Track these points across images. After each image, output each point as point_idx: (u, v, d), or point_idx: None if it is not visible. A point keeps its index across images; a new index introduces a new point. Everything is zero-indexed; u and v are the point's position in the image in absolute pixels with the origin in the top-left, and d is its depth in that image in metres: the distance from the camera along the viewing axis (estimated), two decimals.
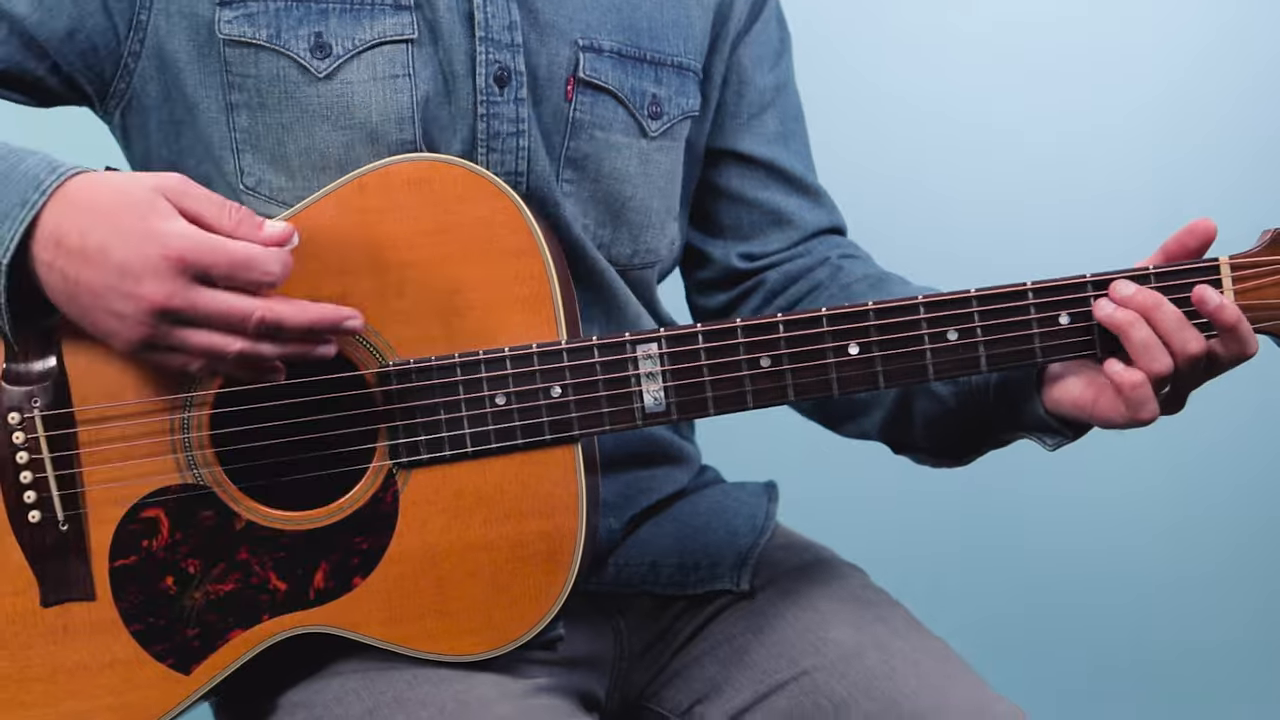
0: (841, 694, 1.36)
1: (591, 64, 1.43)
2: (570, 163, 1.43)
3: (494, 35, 1.38)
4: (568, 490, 1.30)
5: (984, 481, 2.56)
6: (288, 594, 1.30)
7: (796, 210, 1.59)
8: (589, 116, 1.43)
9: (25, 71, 1.37)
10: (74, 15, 1.35)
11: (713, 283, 1.61)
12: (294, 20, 1.35)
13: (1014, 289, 1.31)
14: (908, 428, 1.47)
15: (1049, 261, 2.44)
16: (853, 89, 2.49)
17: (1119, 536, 2.67)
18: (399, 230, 1.30)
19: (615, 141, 1.45)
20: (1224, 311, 1.28)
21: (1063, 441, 1.39)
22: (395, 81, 1.35)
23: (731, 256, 1.58)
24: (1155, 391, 1.28)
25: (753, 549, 1.51)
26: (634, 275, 1.50)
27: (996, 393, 1.40)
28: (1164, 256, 1.32)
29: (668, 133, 1.49)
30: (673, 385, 1.31)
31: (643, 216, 1.48)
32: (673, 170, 1.51)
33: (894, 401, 1.47)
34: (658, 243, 1.51)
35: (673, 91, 1.48)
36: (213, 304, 1.19)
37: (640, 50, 1.46)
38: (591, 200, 1.45)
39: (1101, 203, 2.59)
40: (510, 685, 1.31)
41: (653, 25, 1.48)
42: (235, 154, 1.36)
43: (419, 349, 1.30)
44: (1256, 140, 2.61)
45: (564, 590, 1.31)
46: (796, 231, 1.59)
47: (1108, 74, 2.60)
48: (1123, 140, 2.60)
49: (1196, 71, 2.61)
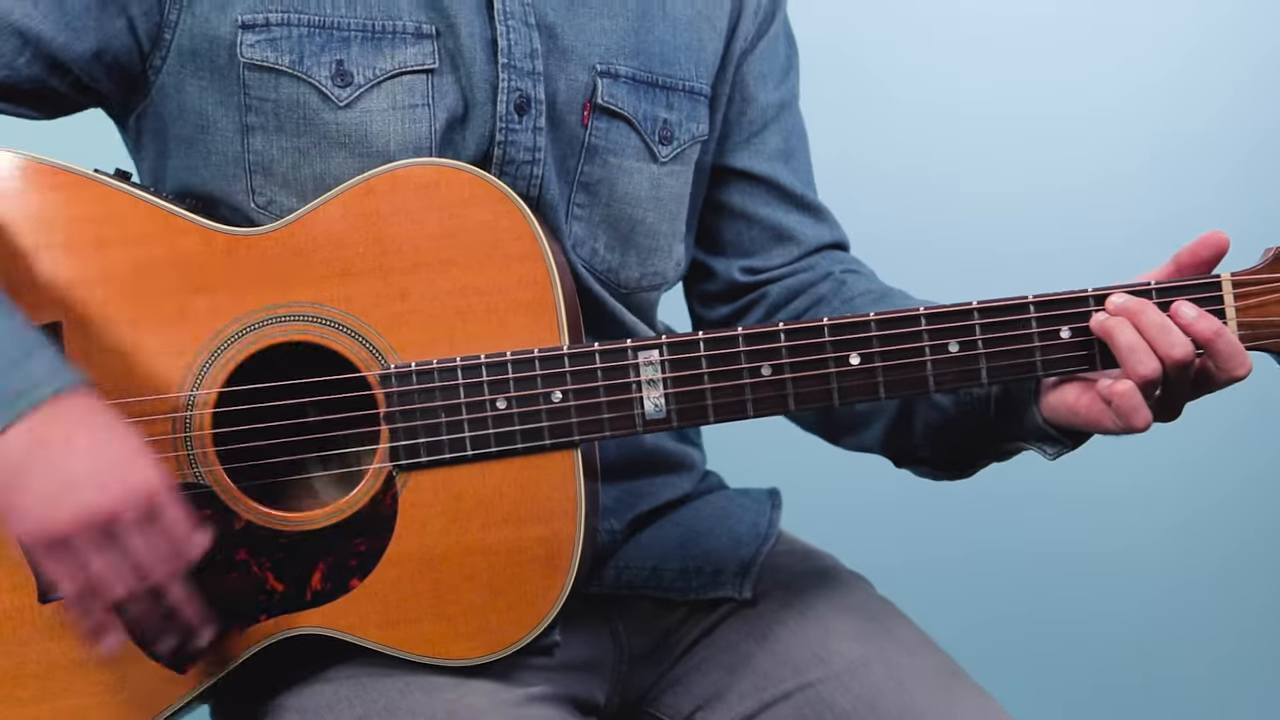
0: (846, 707, 1.37)
1: (609, 90, 1.44)
2: (583, 187, 1.44)
3: (516, 63, 1.38)
4: (566, 496, 1.30)
5: (986, 488, 2.55)
6: (285, 594, 1.30)
7: (798, 226, 1.58)
8: (603, 142, 1.44)
9: (48, 89, 1.38)
10: (100, 37, 1.36)
11: (715, 295, 1.61)
12: (316, 47, 1.35)
13: (1015, 302, 1.31)
14: (909, 439, 1.47)
15: (1051, 250, 2.47)
16: (854, 85, 2.50)
17: (1123, 542, 2.67)
18: (404, 233, 1.30)
19: (627, 166, 1.45)
20: (1199, 325, 1.27)
21: (1063, 450, 1.39)
22: (414, 111, 1.36)
23: (734, 270, 1.58)
24: (1147, 397, 1.28)
25: (756, 556, 1.51)
26: (638, 298, 1.50)
27: (997, 402, 1.40)
28: (1175, 267, 1.32)
29: (678, 157, 1.49)
30: (673, 392, 1.31)
31: (651, 240, 1.48)
32: (682, 194, 1.51)
33: (895, 412, 1.47)
34: (664, 265, 1.51)
35: (684, 116, 1.49)
36: (141, 543, 1.21)
37: (653, 75, 1.47)
38: (603, 224, 1.45)
39: (1102, 191, 2.60)
40: (502, 694, 1.31)
41: (665, 50, 1.48)
42: (248, 174, 1.36)
43: (421, 352, 1.30)
44: (1255, 131, 2.62)
45: (561, 595, 1.30)
46: (798, 247, 1.59)
47: (1106, 64, 2.61)
48: (1122, 130, 2.61)
49: (1195, 62, 2.62)
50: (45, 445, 1.19)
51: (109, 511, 1.19)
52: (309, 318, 1.30)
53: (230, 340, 1.30)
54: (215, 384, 1.30)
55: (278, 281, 1.31)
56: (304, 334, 1.30)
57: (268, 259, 1.31)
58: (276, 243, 1.31)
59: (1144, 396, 1.27)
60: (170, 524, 1.22)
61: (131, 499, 1.20)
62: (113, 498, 1.19)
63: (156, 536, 1.21)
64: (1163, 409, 1.31)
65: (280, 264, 1.31)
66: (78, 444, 1.20)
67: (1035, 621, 2.65)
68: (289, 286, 1.30)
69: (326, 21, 1.36)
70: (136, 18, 1.36)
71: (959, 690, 1.39)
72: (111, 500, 1.19)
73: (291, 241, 1.31)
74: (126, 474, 1.20)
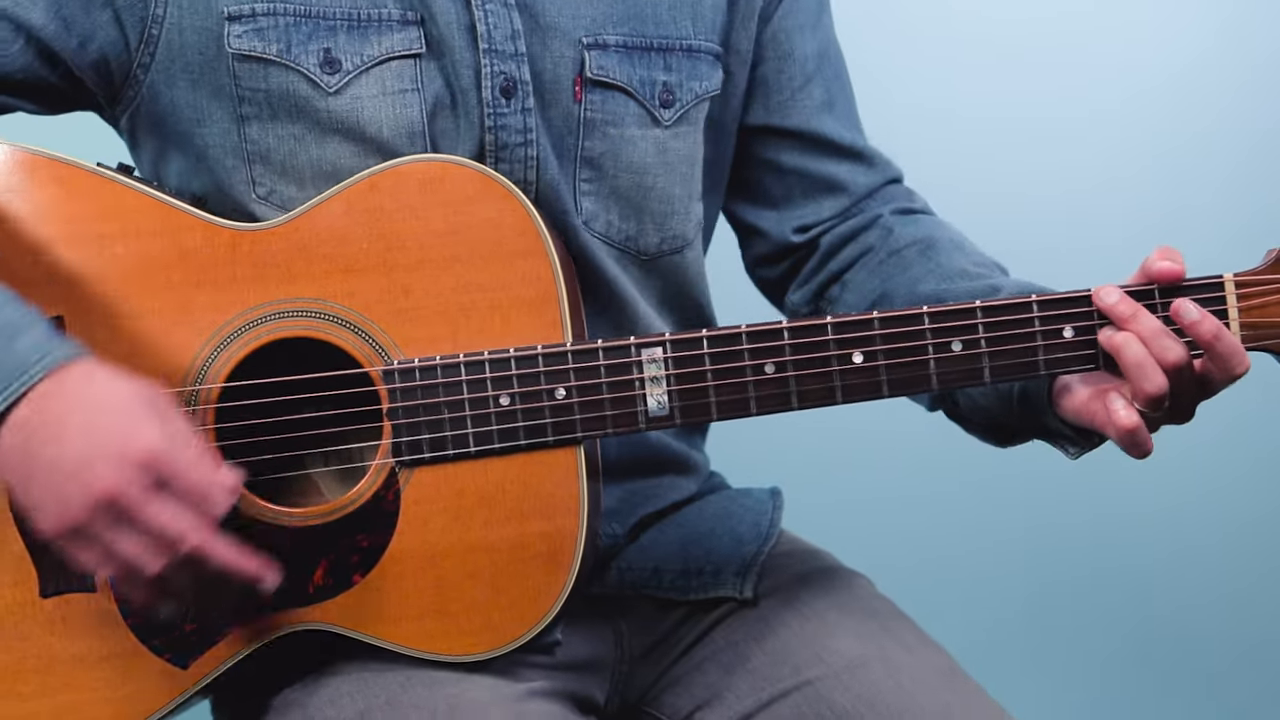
0: (845, 705, 1.36)
1: (598, 61, 1.43)
2: (587, 162, 1.43)
3: (497, 46, 1.38)
4: (569, 492, 1.30)
5: (989, 487, 2.57)
6: (287, 590, 1.30)
7: (848, 175, 1.58)
8: (600, 114, 1.43)
9: (40, 79, 1.38)
10: (86, 28, 1.36)
11: (770, 256, 1.61)
12: (303, 35, 1.35)
13: (1018, 301, 1.31)
14: (954, 407, 1.48)
15: (1054, 246, 2.47)
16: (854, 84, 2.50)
17: (1123, 542, 2.67)
18: (408, 230, 1.30)
19: (630, 135, 1.44)
20: (1200, 326, 1.27)
21: (1084, 450, 1.39)
22: (404, 96, 1.36)
23: (787, 231, 1.58)
24: (1155, 409, 1.28)
25: (757, 556, 1.51)
26: (664, 263, 1.49)
27: (1019, 398, 1.40)
28: (1144, 277, 1.32)
29: (683, 118, 1.48)
30: (676, 389, 1.31)
31: (666, 205, 1.48)
32: (691, 154, 1.50)
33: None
34: (683, 227, 1.50)
35: (684, 76, 1.48)
36: (158, 514, 1.17)
37: (647, 39, 1.46)
38: (613, 196, 1.45)
39: (1103, 191, 2.60)
40: (504, 689, 1.31)
41: (657, 10, 1.47)
42: (247, 164, 1.36)
43: (425, 348, 1.30)
44: (1255, 132, 2.63)
45: (564, 592, 1.30)
46: (849, 197, 1.58)
47: (1106, 66, 2.62)
48: (1123, 132, 2.62)
49: (1196, 63, 2.62)
50: (42, 434, 1.18)
51: (112, 492, 1.16)
52: (312, 313, 1.30)
53: (233, 336, 1.30)
54: (218, 379, 1.30)
55: (281, 277, 1.31)
56: (307, 330, 1.30)
57: (271, 254, 1.31)
58: (280, 238, 1.31)
59: (1152, 410, 1.28)
60: (185, 484, 1.18)
61: (131, 472, 1.16)
62: (112, 477, 1.16)
63: (173, 501, 1.18)
64: (1172, 414, 1.31)
65: (283, 259, 1.31)
66: (71, 426, 1.17)
67: (1035, 621, 2.65)
68: (292, 282, 1.30)
69: (312, 10, 1.36)
70: (123, 10, 1.36)
71: (959, 689, 1.38)
72: (112, 480, 1.16)
73: (295, 237, 1.31)
74: (123, 447, 1.17)
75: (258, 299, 1.31)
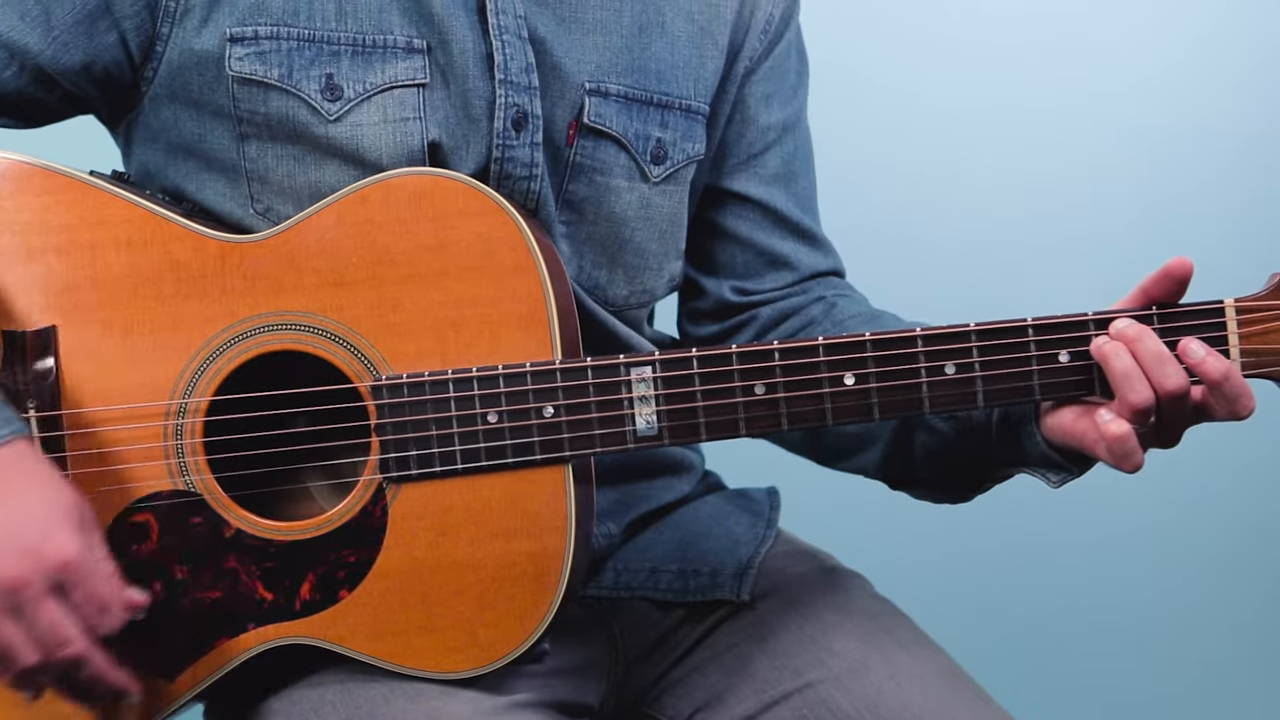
0: (846, 708, 1.36)
1: (597, 109, 1.42)
2: (567, 205, 1.42)
3: (513, 78, 1.37)
4: (557, 511, 1.30)
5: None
6: (274, 604, 1.30)
7: (793, 253, 1.55)
8: (589, 161, 1.42)
9: (36, 100, 1.38)
10: (89, 50, 1.35)
11: (704, 313, 1.58)
12: (305, 60, 1.34)
13: (1014, 324, 1.29)
14: (908, 462, 1.46)
15: (1051, 251, 2.46)
16: (850, 83, 2.48)
17: (1123, 542, 2.66)
18: (398, 243, 1.29)
19: (615, 185, 1.43)
20: (1207, 366, 1.25)
21: (1067, 477, 1.37)
22: (405, 125, 1.35)
23: (725, 290, 1.56)
24: (1141, 424, 1.26)
25: (754, 558, 1.50)
26: (627, 315, 1.49)
27: (998, 425, 1.38)
28: (1144, 296, 1.29)
29: (671, 177, 1.47)
30: (665, 409, 1.30)
31: (640, 259, 1.47)
32: (676, 213, 1.49)
33: (893, 435, 1.45)
34: (655, 283, 1.49)
35: (679, 135, 1.46)
36: (49, 616, 1.19)
37: (649, 93, 1.44)
38: (588, 241, 1.44)
39: (1103, 193, 2.58)
40: (485, 702, 1.31)
41: (662, 67, 1.45)
42: (246, 180, 1.36)
43: (413, 363, 1.29)
44: (1252, 128, 2.60)
45: (550, 611, 1.30)
46: (792, 274, 1.56)
47: (1107, 67, 2.60)
48: (1125, 132, 2.59)
49: (1197, 64, 2.60)
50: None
51: (15, 582, 1.18)
52: (301, 326, 1.30)
53: (222, 348, 1.30)
54: (207, 392, 1.30)
55: (270, 289, 1.30)
56: (296, 343, 1.30)
57: (260, 266, 1.30)
58: (269, 250, 1.31)
59: (1138, 424, 1.26)
60: (86, 593, 1.20)
61: (41, 569, 1.18)
62: (20, 568, 1.18)
63: (69, 608, 1.20)
64: (1160, 436, 1.29)
65: (273, 272, 1.30)
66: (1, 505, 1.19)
67: (1035, 621, 2.64)
68: (281, 295, 1.30)
69: (316, 35, 1.34)
70: (128, 31, 1.35)
71: (959, 690, 1.38)
72: (19, 571, 1.18)
73: (284, 249, 1.30)
74: (41, 543, 1.19)
75: (247, 311, 1.30)
